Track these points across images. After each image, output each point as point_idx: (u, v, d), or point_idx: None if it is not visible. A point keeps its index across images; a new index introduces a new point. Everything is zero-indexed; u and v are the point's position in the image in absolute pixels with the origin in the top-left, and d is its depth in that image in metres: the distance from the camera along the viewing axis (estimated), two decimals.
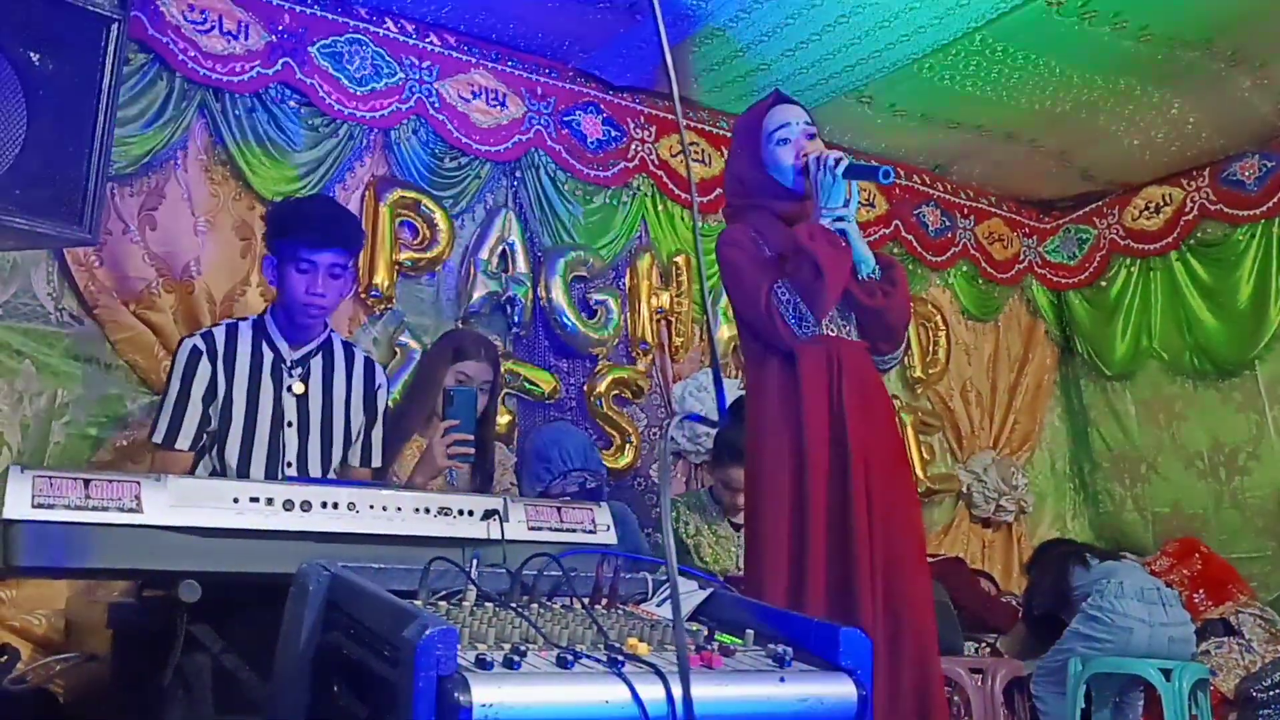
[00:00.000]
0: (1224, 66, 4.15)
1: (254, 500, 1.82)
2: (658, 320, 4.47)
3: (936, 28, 3.88)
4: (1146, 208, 5.31)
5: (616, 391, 4.31)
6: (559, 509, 2.12)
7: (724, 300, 4.63)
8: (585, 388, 4.26)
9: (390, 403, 3.55)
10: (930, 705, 2.58)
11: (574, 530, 2.11)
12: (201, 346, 2.71)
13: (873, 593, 2.58)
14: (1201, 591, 4.55)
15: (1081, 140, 4.83)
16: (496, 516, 2.01)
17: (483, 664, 1.24)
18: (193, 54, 3.48)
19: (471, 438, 2.80)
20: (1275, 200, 4.80)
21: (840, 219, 2.67)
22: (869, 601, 2.57)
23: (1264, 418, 4.90)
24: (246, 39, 3.59)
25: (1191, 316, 5.14)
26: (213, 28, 3.53)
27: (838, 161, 2.65)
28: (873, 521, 2.62)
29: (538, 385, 4.12)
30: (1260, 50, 4.05)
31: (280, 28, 3.66)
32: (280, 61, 3.64)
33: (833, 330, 2.73)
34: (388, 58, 3.89)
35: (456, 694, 1.17)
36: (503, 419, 3.87)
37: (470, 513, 2.00)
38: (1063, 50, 4.03)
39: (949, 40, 3.95)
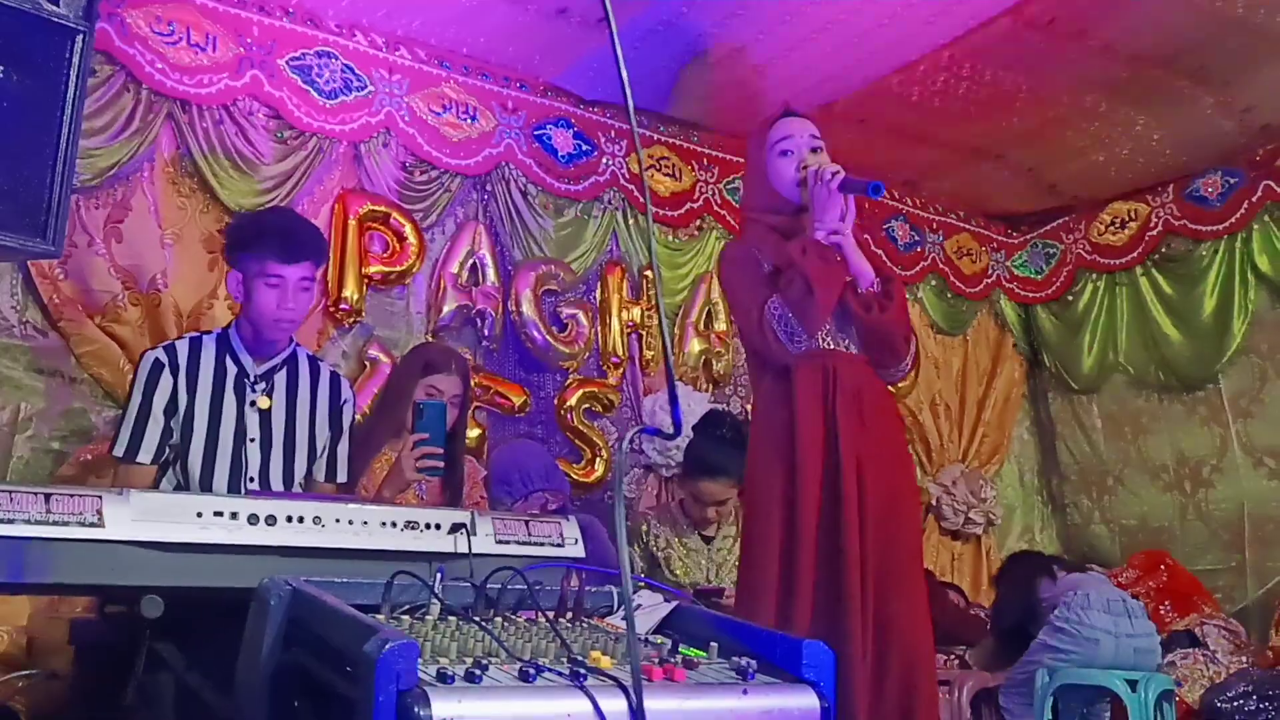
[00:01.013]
0: (1188, 84, 4.20)
1: (218, 514, 1.80)
2: (628, 333, 4.48)
3: (903, 45, 3.91)
4: (1112, 223, 5.37)
5: (587, 405, 4.31)
6: (527, 522, 2.11)
7: (694, 313, 4.66)
8: (556, 401, 4.26)
9: (360, 416, 3.55)
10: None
11: (542, 544, 2.10)
12: (163, 359, 2.69)
13: (862, 607, 2.58)
14: (1167, 603, 4.59)
15: (1048, 156, 4.88)
16: (464, 530, 2.00)
17: (444, 678, 1.24)
18: (160, 66, 3.46)
19: (441, 451, 2.79)
20: (1238, 216, 4.86)
21: (836, 233, 2.68)
22: (857, 616, 2.57)
23: (1228, 431, 4.96)
24: (215, 51, 3.58)
25: (1156, 331, 5.19)
26: (180, 39, 3.52)
27: (834, 175, 2.67)
28: (865, 536, 2.62)
29: (508, 398, 4.11)
30: (1223, 69, 4.10)
31: (249, 40, 3.65)
32: (249, 74, 3.63)
33: (829, 344, 2.74)
34: (357, 71, 3.88)
35: (417, 708, 1.16)
36: (473, 432, 3.86)
37: (437, 526, 1.99)
38: (1029, 67, 4.07)
39: (917, 57, 3.99)
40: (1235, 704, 3.82)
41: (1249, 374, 4.91)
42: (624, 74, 0.95)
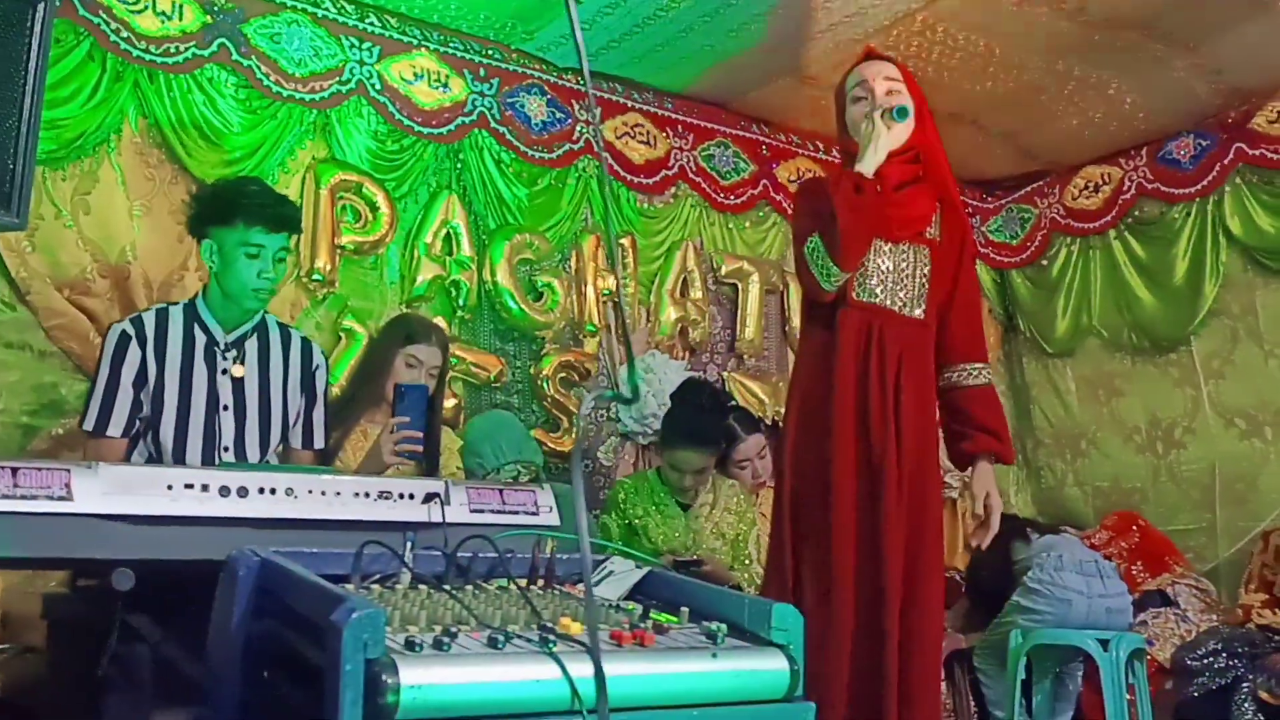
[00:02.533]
0: (1160, 47, 4.20)
1: (189, 486, 1.79)
2: (604, 302, 4.47)
3: (878, 9, 3.90)
4: (1086, 187, 5.38)
5: (563, 374, 4.31)
6: (501, 491, 2.12)
7: (670, 281, 4.66)
8: (531, 371, 4.26)
9: (338, 387, 3.54)
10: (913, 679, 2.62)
11: (516, 512, 2.11)
12: (130, 331, 2.67)
13: (896, 574, 2.61)
14: (1139, 563, 4.65)
15: (1022, 121, 4.88)
16: (438, 499, 2.00)
17: (412, 646, 1.24)
18: (126, 35, 3.42)
19: (420, 435, 2.79)
20: (1210, 179, 4.88)
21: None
22: (896, 582, 2.60)
23: (1199, 393, 5.00)
24: (181, 19, 3.53)
25: (1130, 294, 5.21)
26: (146, 8, 3.47)
27: (885, 111, 2.71)
28: (901, 504, 2.64)
29: (483, 369, 4.11)
30: (1195, 31, 4.10)
31: (216, 8, 3.61)
32: (216, 42, 3.59)
33: (882, 298, 2.74)
34: (327, 38, 3.84)
35: (384, 676, 1.17)
36: (448, 403, 3.85)
37: (411, 496, 1.99)
38: (1002, 31, 4.06)
39: (890, 21, 3.98)
40: (1205, 661, 3.88)
41: (1220, 335, 4.94)
42: (579, 36, 0.94)
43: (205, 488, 1.80)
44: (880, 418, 2.66)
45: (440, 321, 3.88)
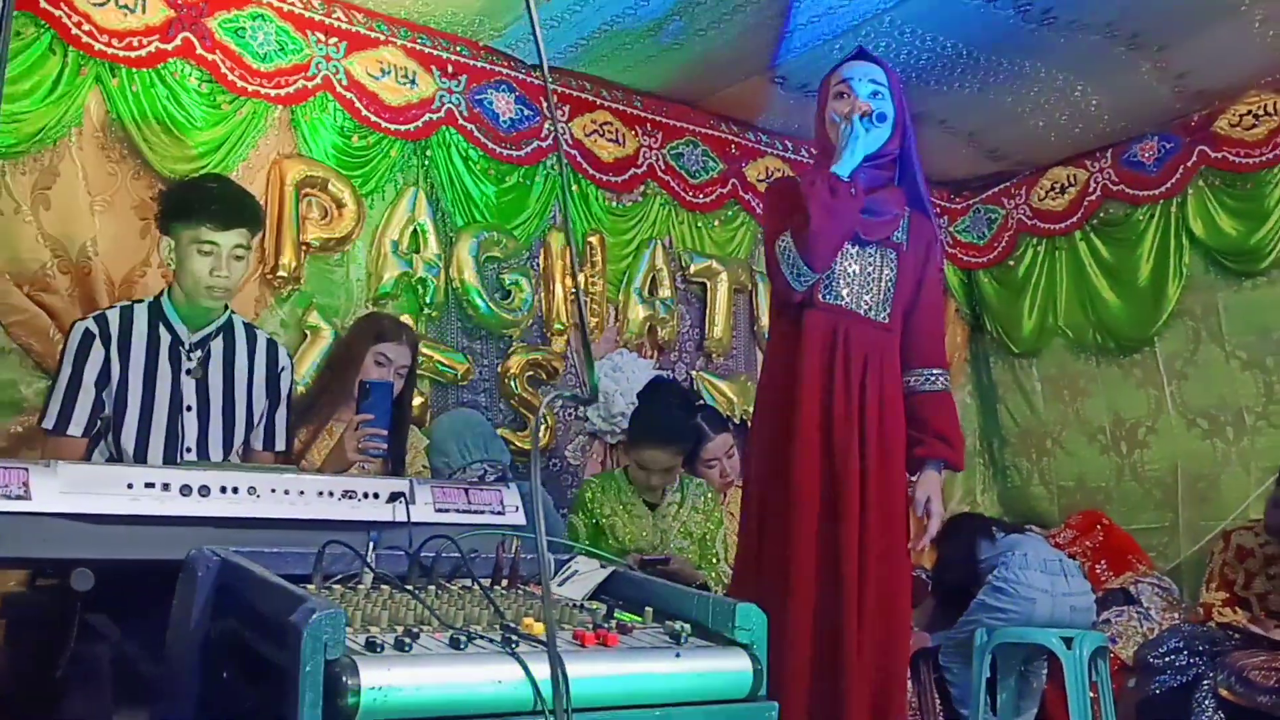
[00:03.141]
0: (1124, 50, 4.23)
1: (149, 486, 1.78)
2: (572, 300, 4.46)
3: (847, 9, 3.91)
4: (1052, 188, 5.42)
5: (531, 373, 4.29)
6: (466, 490, 2.11)
7: (639, 280, 4.65)
8: (499, 369, 4.24)
9: (304, 386, 3.52)
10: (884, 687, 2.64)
11: (482, 511, 2.10)
12: (94, 329, 2.64)
13: (859, 574, 2.63)
14: (1103, 562, 4.69)
15: (989, 122, 4.90)
16: (402, 499, 1.99)
17: (373, 646, 1.23)
18: (88, 28, 3.36)
19: (385, 433, 2.78)
20: (1174, 181, 4.92)
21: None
22: (853, 581, 2.61)
23: (1162, 393, 5.04)
24: (144, 12, 3.48)
25: (1095, 295, 5.25)
26: (108, 1, 3.43)
27: (864, 115, 2.72)
28: (866, 506, 2.66)
29: (450, 367, 4.09)
30: (1158, 35, 4.14)
31: (180, 2, 3.56)
32: (180, 36, 3.54)
33: (848, 300, 2.76)
34: (293, 33, 3.80)
35: (344, 677, 1.16)
36: (415, 401, 3.83)
37: (376, 495, 1.98)
38: (969, 32, 4.08)
39: (859, 21, 3.99)
40: (1167, 659, 3.91)
41: (1183, 336, 4.99)
42: (538, 34, 0.93)
43: (166, 487, 1.78)
44: (844, 420, 2.68)
45: (407, 319, 3.86)
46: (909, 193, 2.91)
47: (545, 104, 4.40)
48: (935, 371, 2.89)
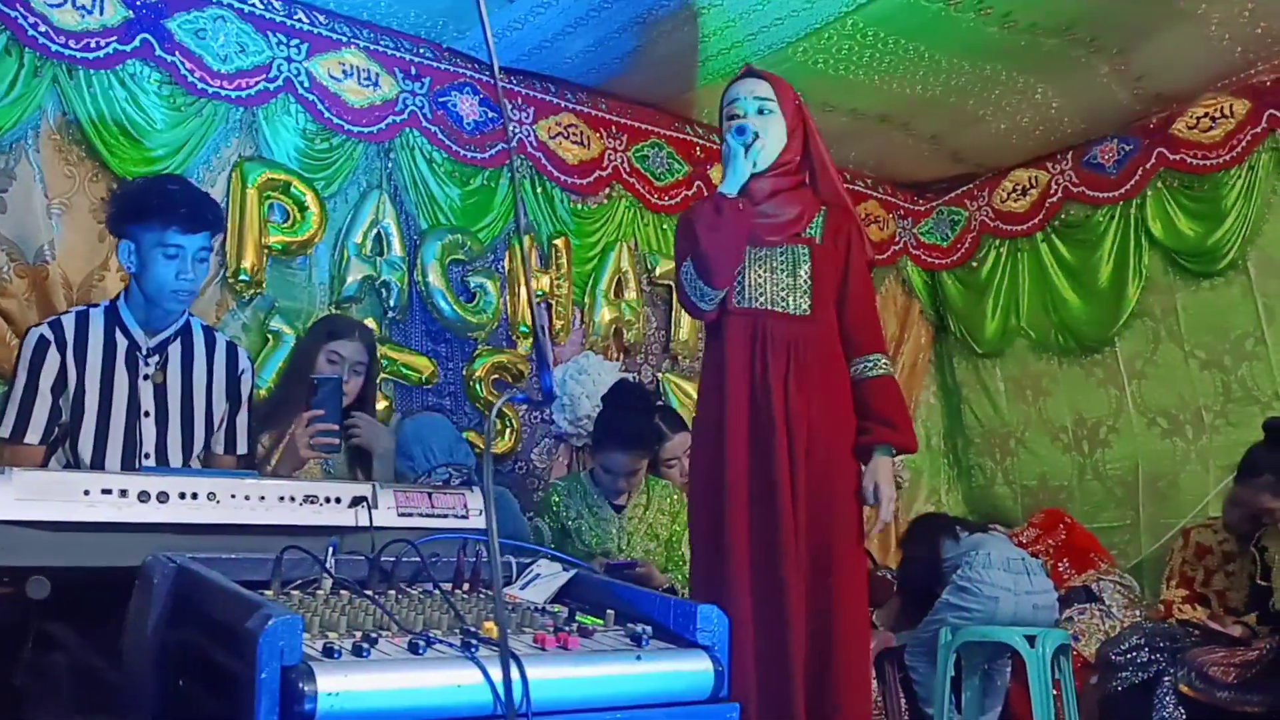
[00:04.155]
0: (1083, 53, 4.28)
1: (106, 492, 1.76)
2: (537, 303, 4.45)
3: (808, 12, 3.92)
4: (1014, 190, 5.47)
5: (496, 376, 4.28)
6: (429, 494, 2.10)
7: (604, 282, 4.65)
8: (464, 372, 4.22)
9: (266, 390, 3.49)
10: (831, 686, 2.64)
11: (445, 516, 2.09)
12: (49, 335, 2.61)
13: (798, 577, 2.65)
14: (1066, 560, 4.73)
15: (952, 124, 4.94)
16: (365, 503, 1.98)
17: (330, 652, 1.23)
18: (44, 29, 3.32)
19: (336, 428, 2.77)
20: (1133, 183, 4.97)
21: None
22: (794, 590, 2.63)
23: (1123, 393, 5.09)
24: (102, 13, 3.45)
25: (1056, 296, 5.30)
26: (66, 1, 3.38)
27: (739, 136, 2.78)
28: (798, 499, 2.67)
29: (415, 371, 4.07)
30: (1117, 37, 4.18)
31: (138, 3, 3.52)
32: (139, 37, 3.50)
33: (763, 303, 2.80)
34: (254, 35, 3.77)
35: (301, 684, 1.15)
36: (379, 405, 3.81)
37: (338, 500, 1.97)
38: (931, 36, 4.11)
39: (821, 24, 4.00)
40: (1128, 656, 3.95)
41: (1143, 337, 5.04)
42: (488, 32, 0.93)
43: (123, 493, 1.76)
44: (768, 418, 2.73)
45: (370, 323, 3.84)
46: (826, 189, 2.98)
47: (510, 106, 4.39)
48: (873, 358, 2.90)
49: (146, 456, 2.67)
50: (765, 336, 2.78)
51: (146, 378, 2.69)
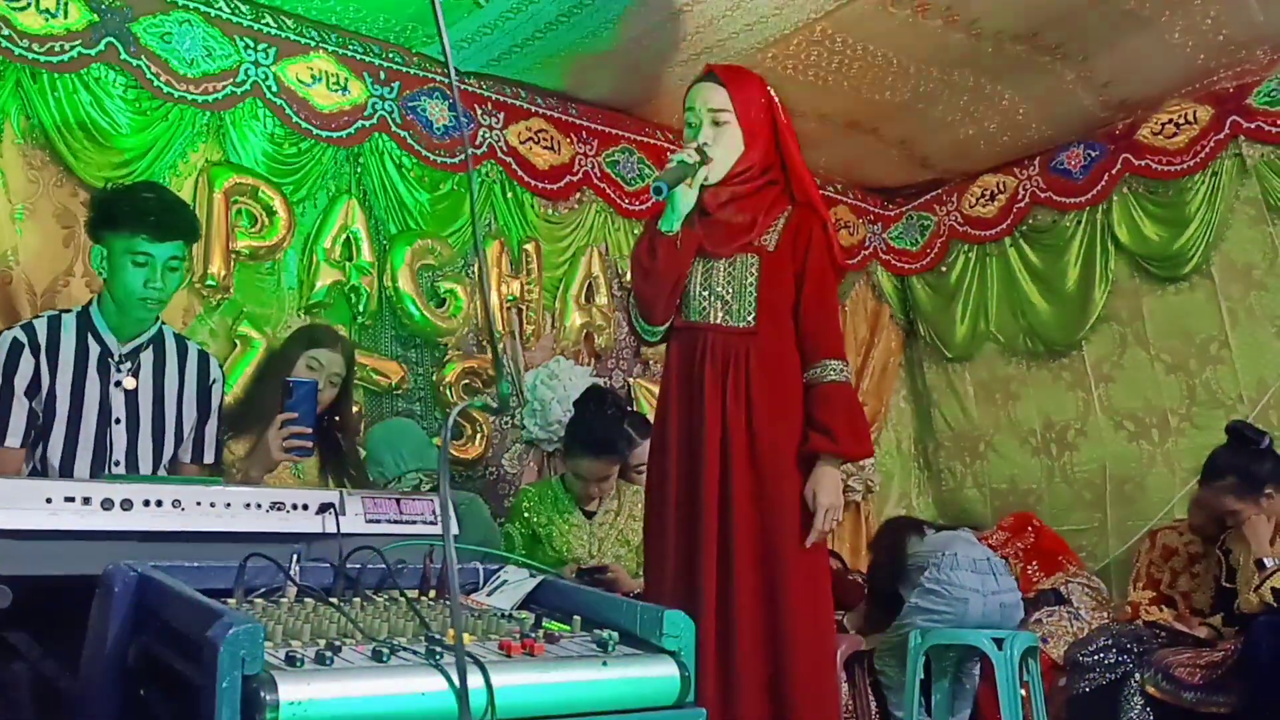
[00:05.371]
0: (1049, 60, 4.32)
1: (69, 500, 1.74)
2: (508, 308, 4.44)
3: (777, 18, 3.94)
4: (982, 195, 5.51)
5: (466, 381, 4.27)
6: (398, 501, 2.09)
7: (575, 287, 4.64)
8: (434, 377, 4.21)
9: (232, 396, 3.46)
10: (788, 691, 2.64)
11: (414, 522, 2.08)
12: (23, 339, 2.59)
13: (721, 582, 2.64)
14: (1035, 563, 4.76)
15: (920, 130, 4.97)
16: (332, 510, 1.97)
17: (293, 661, 1.22)
18: (7, 32, 3.29)
19: (309, 430, 2.74)
20: (1099, 188, 5.02)
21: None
22: (710, 584, 2.63)
23: (1090, 396, 5.14)
24: (66, 17, 3.41)
25: (1024, 300, 5.34)
26: (29, 4, 3.35)
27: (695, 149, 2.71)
28: (731, 511, 2.67)
29: (384, 375, 4.05)
30: (1080, 45, 4.23)
31: (103, 6, 3.49)
32: (104, 41, 3.48)
33: (704, 317, 2.78)
34: (221, 38, 3.75)
35: (263, 693, 1.14)
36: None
37: (305, 507, 1.96)
38: (899, 42, 4.14)
39: (790, 30, 4.02)
40: (1096, 657, 3.98)
41: (1110, 341, 5.09)
42: (444, 34, 0.93)
43: (87, 501, 1.75)
44: (699, 429, 2.71)
45: (340, 329, 3.82)
46: (795, 188, 2.86)
47: (480, 111, 4.38)
48: (826, 364, 2.76)
49: (116, 464, 2.65)
50: (704, 350, 2.74)
51: (118, 385, 2.67)
